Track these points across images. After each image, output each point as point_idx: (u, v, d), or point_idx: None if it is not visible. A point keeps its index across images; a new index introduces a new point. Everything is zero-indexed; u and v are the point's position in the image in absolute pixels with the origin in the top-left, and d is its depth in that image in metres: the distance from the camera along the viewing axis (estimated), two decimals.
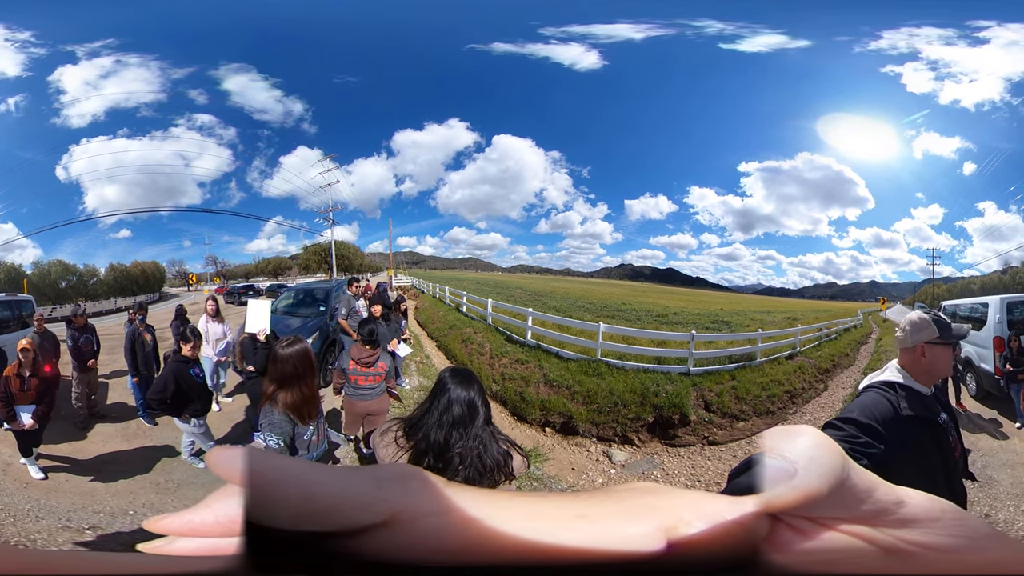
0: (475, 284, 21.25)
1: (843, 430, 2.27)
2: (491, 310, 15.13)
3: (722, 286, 20.93)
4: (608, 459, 9.61)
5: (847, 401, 11.28)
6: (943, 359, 2.57)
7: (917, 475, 2.28)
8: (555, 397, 10.75)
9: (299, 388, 4.07)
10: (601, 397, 10.56)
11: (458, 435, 2.64)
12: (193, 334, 6.65)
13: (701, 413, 10.50)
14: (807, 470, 0.41)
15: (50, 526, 5.71)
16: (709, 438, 10.13)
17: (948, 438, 2.50)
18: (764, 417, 10.79)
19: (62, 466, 7.04)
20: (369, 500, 0.36)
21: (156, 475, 6.94)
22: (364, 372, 6.05)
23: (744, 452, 9.59)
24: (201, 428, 6.75)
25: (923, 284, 18.53)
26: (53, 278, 17.18)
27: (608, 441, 10.10)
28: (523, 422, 10.52)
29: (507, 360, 12.40)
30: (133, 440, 7.86)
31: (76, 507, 6.14)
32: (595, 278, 22.80)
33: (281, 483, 0.35)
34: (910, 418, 2.35)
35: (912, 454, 2.31)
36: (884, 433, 2.25)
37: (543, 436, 10.23)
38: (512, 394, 11.06)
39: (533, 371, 11.68)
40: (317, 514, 0.34)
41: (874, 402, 2.40)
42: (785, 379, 12.09)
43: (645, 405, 10.39)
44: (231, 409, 9.00)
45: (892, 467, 2.16)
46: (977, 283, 16.70)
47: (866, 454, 2.17)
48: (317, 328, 10.67)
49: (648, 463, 9.58)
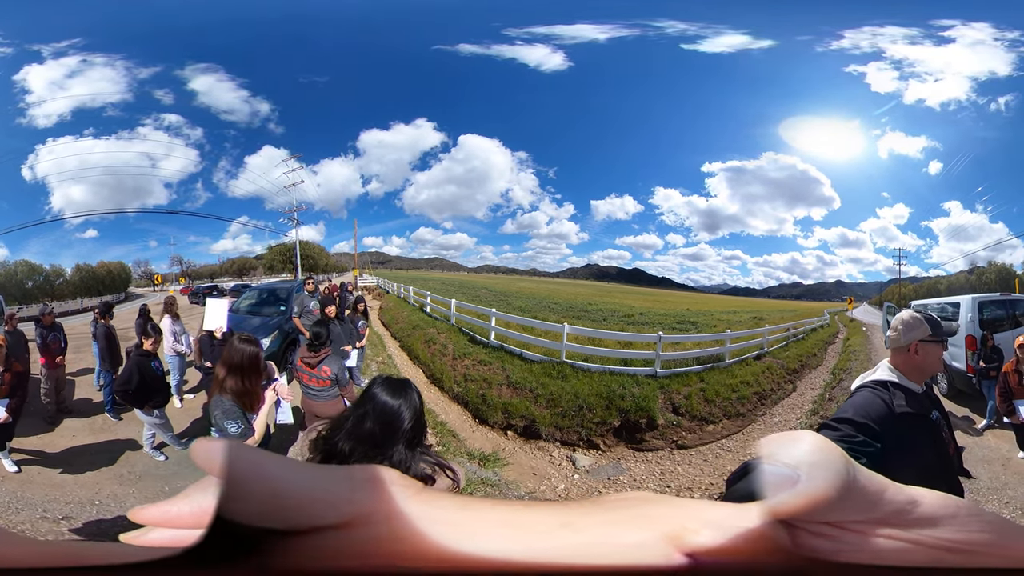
0: (440, 284, 20.99)
1: (839, 430, 2.26)
2: (455, 310, 14.74)
3: (688, 286, 20.59)
4: (572, 464, 9.18)
5: (816, 402, 11.08)
6: (935, 356, 2.61)
7: (915, 473, 2.20)
8: (518, 400, 10.30)
9: (244, 380, 4.37)
10: (565, 400, 10.07)
11: (364, 450, 2.35)
12: (154, 330, 6.98)
13: (669, 416, 10.03)
14: (811, 475, 0.39)
15: (30, 517, 5.94)
16: (678, 442, 9.67)
17: (942, 435, 2.51)
18: (734, 419, 10.37)
19: (33, 459, 7.25)
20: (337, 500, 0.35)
21: (120, 467, 7.17)
22: (310, 372, 5.96)
23: (715, 456, 9.33)
24: (162, 419, 7.08)
25: (889, 284, 18.41)
26: (19, 278, 16.58)
27: (572, 446, 9.69)
28: (484, 425, 10.18)
29: (470, 361, 11.99)
30: (99, 434, 8.14)
31: (49, 498, 6.37)
32: (561, 278, 22.55)
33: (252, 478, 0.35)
34: (904, 415, 2.35)
35: (908, 452, 2.30)
36: (879, 431, 2.25)
37: (505, 439, 9.82)
38: (474, 396, 10.68)
39: (496, 373, 11.25)
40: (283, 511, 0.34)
41: (868, 401, 2.41)
42: (754, 380, 11.67)
43: (611, 408, 9.92)
44: (192, 406, 9.13)
45: (890, 466, 2.11)
46: (944, 283, 16.57)
47: (864, 453, 2.16)
48: (277, 327, 10.74)
49: (614, 468, 9.11)
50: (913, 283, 17.35)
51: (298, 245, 20.52)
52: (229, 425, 4.17)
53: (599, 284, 22.78)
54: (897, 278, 17.61)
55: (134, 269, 20.20)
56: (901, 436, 2.29)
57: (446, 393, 11.28)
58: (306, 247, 21.08)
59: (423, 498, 0.37)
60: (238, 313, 11.36)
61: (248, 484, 0.34)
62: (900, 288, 17.48)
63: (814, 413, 10.44)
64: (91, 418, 8.66)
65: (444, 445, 8.75)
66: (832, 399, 10.86)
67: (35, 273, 17.08)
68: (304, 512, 0.34)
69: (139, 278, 20.34)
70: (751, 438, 9.78)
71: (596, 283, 22.89)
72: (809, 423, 9.98)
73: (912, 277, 17.45)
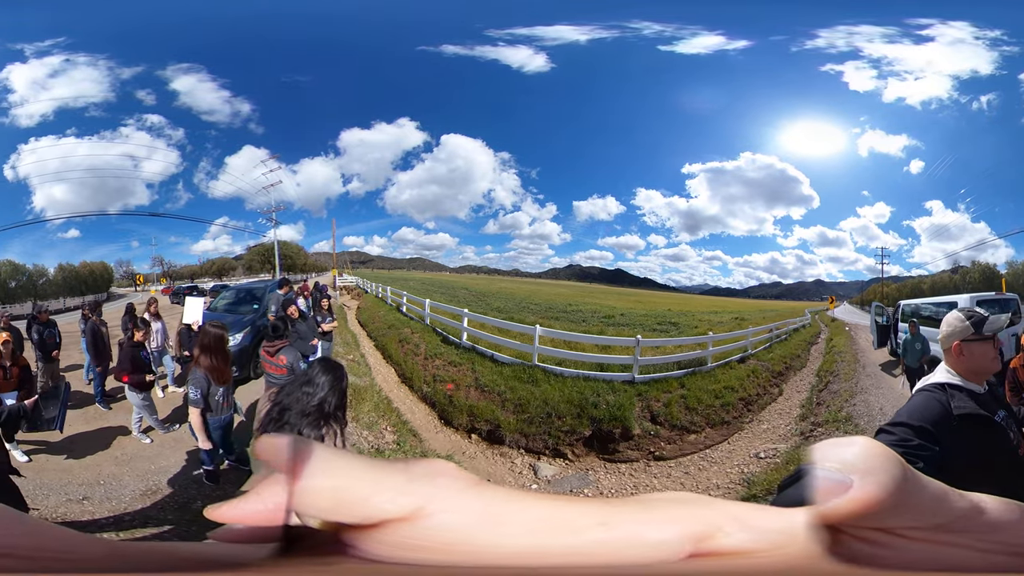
0: (420, 284, 20.77)
1: (894, 435, 2.17)
2: (429, 310, 14.55)
3: (669, 287, 20.45)
4: (533, 473, 8.90)
5: (805, 406, 10.47)
6: (983, 355, 2.43)
7: (982, 476, 2.10)
8: (484, 403, 10.13)
9: (212, 356, 5.65)
10: (534, 406, 9.74)
11: (293, 414, 2.94)
12: (143, 323, 8.05)
13: (647, 425, 9.51)
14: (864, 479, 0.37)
15: (56, 501, 6.45)
16: (656, 453, 9.11)
17: (1008, 435, 2.34)
18: (718, 428, 9.77)
19: (40, 448, 7.63)
20: (397, 493, 0.36)
21: (114, 450, 7.76)
22: (269, 360, 6.42)
23: (697, 468, 8.82)
24: (147, 401, 7.80)
25: (871, 283, 18.18)
26: (3, 278, 16.58)
27: (538, 453, 9.44)
28: (449, 426, 10.12)
29: (441, 361, 11.88)
30: (92, 423, 8.65)
31: (63, 482, 6.85)
32: (543, 279, 22.32)
33: (316, 472, 0.36)
34: (964, 417, 2.22)
35: (972, 455, 2.13)
36: (937, 435, 2.14)
37: (467, 443, 9.73)
38: (441, 396, 10.58)
39: (466, 374, 11.08)
40: (348, 504, 0.35)
41: (924, 404, 2.31)
42: (739, 384, 11.08)
43: (582, 417, 9.50)
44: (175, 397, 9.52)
45: (951, 470, 2.03)
46: (927, 283, 16.23)
47: (921, 457, 2.06)
48: (250, 324, 10.97)
49: (579, 480, 8.72)
50: (895, 282, 17.15)
51: (277, 245, 20.36)
52: (191, 391, 5.68)
53: (581, 285, 22.65)
54: (879, 277, 17.44)
55: (116, 269, 20.07)
56: (962, 438, 2.16)
57: (415, 393, 11.13)
58: (285, 247, 21.00)
59: (476, 492, 0.37)
60: (215, 311, 11.73)
61: (313, 479, 0.35)
62: (883, 287, 17.24)
63: (803, 418, 9.82)
64: (83, 409, 9.12)
65: (400, 444, 8.61)
66: (821, 402, 10.25)
67: (18, 273, 16.93)
68: (368, 505, 0.35)
69: (121, 278, 20.26)
70: (737, 447, 9.24)
71: (578, 284, 22.81)
72: (799, 428, 9.39)
73: (894, 277, 17.31)
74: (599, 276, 22.21)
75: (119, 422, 8.59)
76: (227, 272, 22.02)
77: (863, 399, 9.59)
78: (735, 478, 8.17)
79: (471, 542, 0.34)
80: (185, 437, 7.34)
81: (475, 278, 23.06)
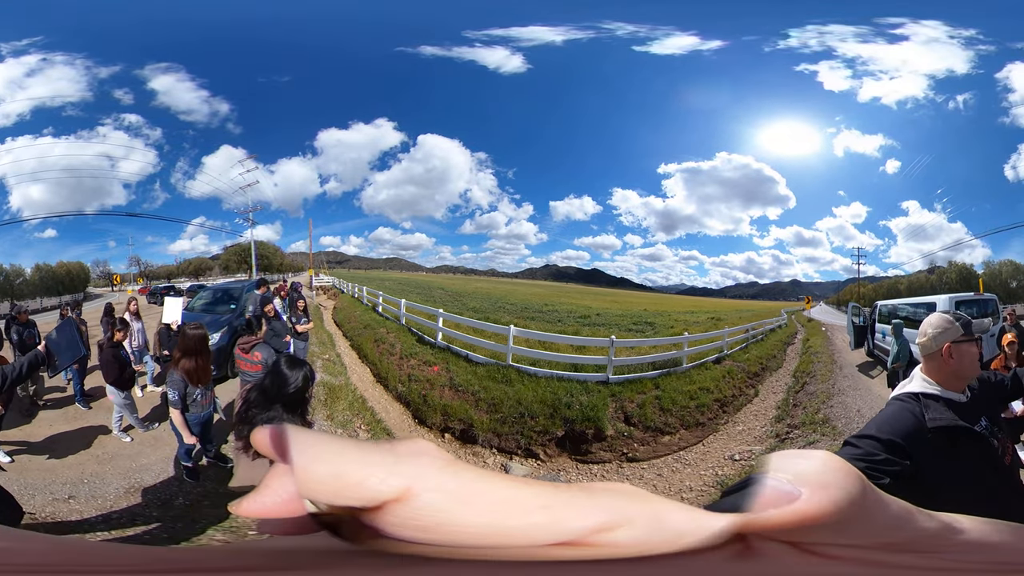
0: (397, 284, 20.57)
1: (860, 448, 2.06)
2: (404, 310, 14.45)
3: (646, 286, 20.47)
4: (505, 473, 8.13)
5: (781, 407, 10.22)
6: (970, 357, 2.30)
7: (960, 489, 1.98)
8: (458, 402, 10.02)
9: (194, 359, 5.78)
10: (507, 406, 9.60)
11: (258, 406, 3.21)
12: (122, 324, 7.90)
13: (620, 426, 9.32)
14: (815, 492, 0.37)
15: (43, 501, 6.38)
16: (628, 454, 8.91)
17: (991, 444, 2.21)
18: (692, 429, 9.52)
19: (21, 449, 7.64)
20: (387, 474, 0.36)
21: (95, 449, 7.77)
22: (244, 357, 6.55)
23: (671, 470, 8.60)
24: (128, 400, 7.78)
25: (847, 283, 18.16)
26: None
27: (510, 453, 9.33)
28: (423, 425, 10.01)
29: (416, 361, 11.76)
30: (73, 422, 8.62)
31: (48, 481, 6.79)
32: (520, 279, 22.33)
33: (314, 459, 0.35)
34: (939, 429, 2.09)
35: (948, 468, 2.01)
36: (908, 448, 2.02)
37: (441, 442, 9.50)
38: (415, 396, 10.50)
39: (440, 374, 11.00)
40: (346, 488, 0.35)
41: (895, 415, 2.19)
42: (714, 385, 10.86)
43: (555, 417, 9.31)
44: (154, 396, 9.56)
45: (930, 484, 1.96)
46: (904, 283, 16.16)
47: (887, 472, 1.95)
48: (227, 323, 10.97)
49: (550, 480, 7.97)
50: (872, 283, 17.11)
51: (254, 245, 20.28)
52: (169, 393, 5.67)
53: (557, 284, 22.65)
54: (855, 277, 17.39)
55: (93, 269, 19.95)
56: (938, 452, 2.06)
57: (390, 392, 11.04)
58: (262, 247, 20.94)
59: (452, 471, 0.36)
60: (192, 311, 11.63)
61: (313, 466, 0.35)
62: (859, 287, 17.20)
63: (779, 420, 9.59)
64: (63, 409, 9.09)
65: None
66: (797, 404, 10.04)
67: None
68: (363, 488, 0.34)
69: (98, 278, 20.23)
70: (712, 449, 9.01)
71: (554, 283, 22.80)
72: (775, 430, 9.15)
73: (870, 277, 17.27)
74: (576, 276, 22.27)
75: (99, 421, 8.61)
76: (204, 272, 21.99)
77: (840, 400, 9.42)
78: (709, 480, 7.96)
79: (450, 521, 0.34)
80: (165, 435, 7.43)
81: (452, 278, 23.03)
